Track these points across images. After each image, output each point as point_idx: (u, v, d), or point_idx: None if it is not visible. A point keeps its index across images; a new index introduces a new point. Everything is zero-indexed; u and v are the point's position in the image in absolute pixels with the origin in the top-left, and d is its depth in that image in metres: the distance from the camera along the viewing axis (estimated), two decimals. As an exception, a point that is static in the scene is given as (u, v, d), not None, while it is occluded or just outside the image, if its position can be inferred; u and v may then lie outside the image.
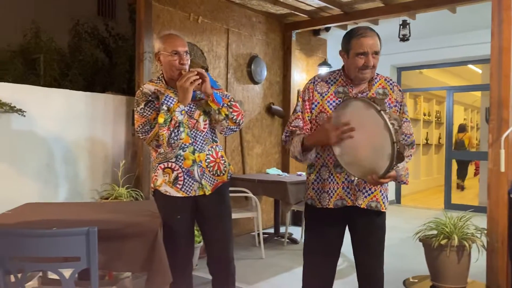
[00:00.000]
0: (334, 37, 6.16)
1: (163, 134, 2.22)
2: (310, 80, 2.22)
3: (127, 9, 5.50)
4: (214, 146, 2.42)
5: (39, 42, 5.31)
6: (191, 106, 2.34)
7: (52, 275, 2.43)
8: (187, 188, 2.34)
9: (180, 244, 2.37)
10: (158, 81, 2.40)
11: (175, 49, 2.28)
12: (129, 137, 4.33)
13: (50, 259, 1.94)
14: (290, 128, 2.15)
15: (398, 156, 1.80)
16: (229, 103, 2.34)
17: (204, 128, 2.37)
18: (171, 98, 2.27)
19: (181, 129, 2.24)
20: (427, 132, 10.79)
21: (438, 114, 11.27)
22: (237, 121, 2.36)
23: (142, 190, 4.04)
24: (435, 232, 3.21)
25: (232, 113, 2.33)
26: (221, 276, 2.47)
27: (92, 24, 5.65)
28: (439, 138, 11.35)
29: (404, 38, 5.79)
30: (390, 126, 1.78)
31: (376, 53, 2.05)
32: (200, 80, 2.21)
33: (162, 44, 2.32)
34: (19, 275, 1.88)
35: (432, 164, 10.95)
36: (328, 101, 2.12)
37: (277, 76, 5.94)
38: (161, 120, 2.23)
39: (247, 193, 4.32)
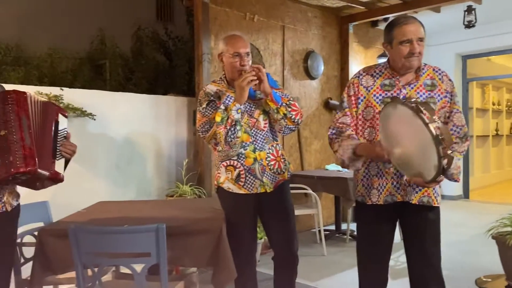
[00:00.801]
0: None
1: (220, 132, 2.28)
2: (354, 74, 2.17)
3: (184, 12, 5.66)
4: (274, 145, 2.45)
5: (104, 48, 5.62)
6: (251, 105, 2.38)
7: (124, 270, 2.57)
8: (249, 186, 2.39)
9: (243, 240, 2.42)
10: (220, 81, 2.47)
11: (236, 51, 2.33)
12: (190, 136, 4.46)
13: (122, 254, 2.05)
14: (337, 125, 2.11)
15: (444, 169, 1.72)
16: (287, 102, 2.35)
17: (264, 127, 2.41)
18: (232, 98, 2.31)
19: (238, 127, 2.28)
20: (496, 123, 10.13)
21: (509, 103, 10.55)
22: (295, 121, 2.36)
23: (205, 187, 4.15)
24: (509, 229, 3.02)
25: (291, 112, 2.34)
26: (285, 273, 2.50)
27: (153, 28, 5.88)
28: (511, 128, 10.62)
29: (469, 25, 5.48)
30: (437, 141, 1.68)
31: (421, 39, 1.97)
32: (257, 80, 2.25)
33: (225, 46, 2.38)
34: (96, 269, 2.01)
35: (503, 156, 10.27)
36: (374, 95, 2.06)
37: (334, 70, 5.85)
38: (218, 118, 2.29)
39: (306, 189, 4.30)
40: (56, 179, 2.02)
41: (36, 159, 1.87)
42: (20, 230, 2.29)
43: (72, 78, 5.10)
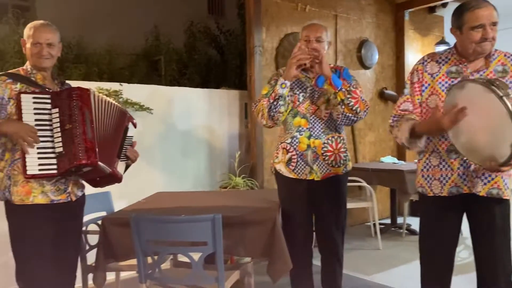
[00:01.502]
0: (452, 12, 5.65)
1: (262, 104, 2.37)
2: (418, 61, 2.08)
3: (235, 5, 5.70)
4: (335, 137, 2.43)
5: (159, 44, 5.79)
6: (316, 92, 2.37)
7: (181, 258, 2.64)
8: (298, 171, 2.42)
9: (297, 225, 2.46)
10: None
11: (307, 35, 2.38)
12: (242, 129, 4.50)
13: (180, 243, 2.11)
14: (399, 112, 2.04)
15: None
16: (348, 89, 2.31)
17: (325, 116, 2.40)
18: (299, 81, 2.42)
19: (281, 102, 2.33)
20: None
21: None
22: (354, 109, 2.31)
23: (257, 179, 4.17)
24: None
25: (349, 99, 2.30)
26: (329, 264, 2.52)
27: (204, 23, 5.97)
28: None
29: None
30: None
31: (494, 24, 1.85)
32: (307, 60, 2.28)
33: (302, 32, 2.45)
34: (155, 257, 2.08)
35: None
36: (440, 82, 1.97)
37: (389, 59, 5.67)
38: (264, 91, 2.42)
39: (360, 182, 4.21)
40: (116, 177, 2.14)
41: (97, 152, 1.97)
42: (85, 219, 2.42)
43: (129, 74, 5.30)
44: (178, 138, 4.07)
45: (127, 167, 2.25)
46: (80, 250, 2.33)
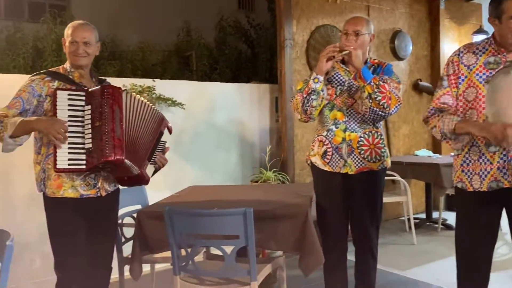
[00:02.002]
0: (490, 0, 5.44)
1: (296, 99, 2.39)
2: (454, 52, 2.01)
3: (265, -1, 5.68)
4: (372, 131, 2.40)
5: (190, 40, 5.84)
6: (355, 86, 2.34)
7: (214, 251, 2.68)
8: (333, 164, 2.41)
9: (331, 218, 2.45)
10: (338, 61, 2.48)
11: (345, 29, 2.38)
12: (273, 123, 4.49)
13: (213, 236, 2.14)
14: (439, 105, 1.98)
15: None
16: (377, 83, 2.26)
17: (362, 110, 2.36)
18: (338, 74, 2.41)
19: (313, 96, 2.34)
20: None
21: None
22: (381, 104, 2.26)
23: (288, 173, 4.17)
24: None
25: (377, 93, 2.25)
26: (363, 259, 2.49)
27: (234, 17, 5.98)
28: None
29: None
30: None
31: None
32: (335, 54, 2.29)
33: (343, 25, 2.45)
34: (189, 250, 2.12)
35: None
36: (477, 74, 1.89)
37: (424, 49, 5.51)
38: (298, 86, 2.44)
39: (394, 176, 4.13)
40: (143, 179, 2.16)
41: (125, 150, 2.00)
42: (120, 212, 2.49)
43: (161, 70, 5.38)
44: (209, 132, 4.12)
45: (155, 171, 2.27)
46: (114, 243, 2.37)
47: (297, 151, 4.32)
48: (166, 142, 2.30)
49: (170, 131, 2.31)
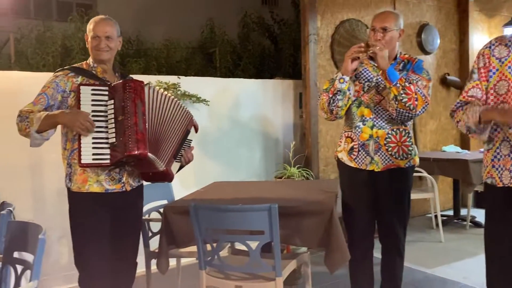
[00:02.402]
0: (522, -10, 5.27)
1: (322, 99, 2.38)
2: (485, 45, 1.95)
3: (289, -6, 5.65)
4: (400, 129, 2.36)
5: (214, 37, 5.87)
6: (382, 82, 2.32)
7: (239, 246, 2.69)
8: (359, 160, 2.39)
9: (357, 216, 2.42)
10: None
11: (373, 25, 2.35)
12: (297, 119, 4.47)
13: (238, 231, 2.15)
14: (466, 98, 1.93)
15: None
16: (403, 84, 2.22)
17: (389, 109, 2.32)
18: (365, 69, 2.39)
19: (339, 97, 2.32)
20: None
21: None
22: (408, 106, 2.22)
23: (312, 169, 4.14)
24: None
25: (402, 95, 2.21)
26: (389, 257, 2.46)
27: (258, 13, 5.98)
28: None
29: None
30: None
31: None
32: (359, 54, 2.26)
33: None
34: (214, 245, 2.14)
35: None
36: (510, 67, 1.84)
37: (452, 43, 5.38)
38: (324, 86, 2.41)
39: (421, 172, 4.06)
40: (168, 176, 2.15)
41: (148, 144, 1.99)
42: (147, 207, 2.53)
43: (186, 67, 5.43)
44: (233, 128, 4.13)
45: (180, 167, 2.26)
46: (139, 238, 2.34)
47: (321, 147, 4.29)
48: (191, 140, 2.29)
49: (196, 130, 2.29)
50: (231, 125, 4.13)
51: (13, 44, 5.43)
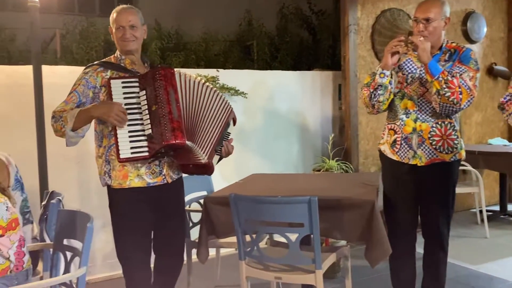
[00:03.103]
0: None
1: (363, 94, 2.34)
2: None
3: (328, -16, 5.55)
4: (445, 122, 2.27)
5: (252, 29, 5.87)
6: (424, 74, 2.25)
7: (277, 238, 2.70)
8: (402, 154, 2.34)
9: (399, 209, 2.37)
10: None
11: (415, 16, 2.27)
12: (336, 111, 4.41)
13: (277, 223, 2.15)
14: None
15: None
16: (445, 78, 2.13)
17: (432, 103, 2.25)
18: (410, 61, 2.33)
19: (380, 92, 2.27)
20: None
21: None
22: (451, 100, 2.13)
23: (351, 162, 4.09)
24: None
25: (445, 89, 2.12)
26: (432, 252, 2.38)
27: (296, 4, 5.92)
28: None
29: None
30: None
31: None
32: (399, 48, 2.19)
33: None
34: (254, 236, 2.15)
35: None
36: None
37: (500, 31, 5.13)
38: (365, 80, 2.37)
39: (465, 166, 3.92)
40: (209, 169, 2.07)
41: (184, 132, 1.93)
42: (187, 197, 2.57)
43: (223, 60, 5.47)
44: (271, 121, 4.13)
45: (219, 159, 2.20)
46: (185, 229, 2.37)
47: (361, 140, 4.22)
48: (230, 133, 2.24)
49: (234, 123, 2.25)
50: (269, 118, 4.12)
51: (59, 40, 5.65)
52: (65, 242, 1.97)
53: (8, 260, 1.77)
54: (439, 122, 2.27)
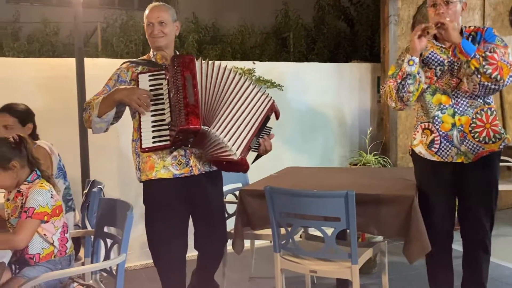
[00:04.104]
0: None
1: (389, 86, 2.18)
2: None
3: (368, -26, 5.42)
4: (485, 109, 2.14)
5: (288, 21, 5.82)
6: (455, 63, 2.14)
7: (312, 231, 2.68)
8: (443, 153, 2.19)
9: (435, 211, 2.25)
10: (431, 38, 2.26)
11: (433, 1, 2.14)
12: (374, 104, 4.32)
13: (312, 216, 2.12)
14: None
15: None
16: (483, 54, 2.00)
17: (470, 88, 2.12)
18: (435, 54, 2.19)
19: (409, 81, 2.11)
20: None
21: None
22: (493, 76, 1.98)
23: (390, 157, 4.00)
24: None
25: (485, 66, 1.98)
26: (473, 250, 2.26)
27: (334, -5, 5.82)
28: None
29: None
30: None
31: None
32: (430, 29, 2.04)
33: None
34: (289, 229, 2.14)
35: None
36: None
37: (550, 21, 4.85)
38: (390, 72, 2.22)
39: (510, 162, 3.75)
40: (243, 166, 2.01)
41: (200, 117, 1.88)
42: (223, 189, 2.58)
43: (259, 52, 5.45)
44: (307, 113, 4.09)
45: (257, 157, 2.15)
46: (224, 219, 2.35)
47: (400, 134, 4.12)
48: (271, 128, 2.16)
49: (277, 117, 2.15)
50: (305, 110, 4.09)
51: (100, 33, 5.79)
52: (105, 229, 2.03)
53: (52, 245, 1.85)
54: (479, 111, 2.14)
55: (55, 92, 3.19)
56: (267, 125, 2.13)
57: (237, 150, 1.98)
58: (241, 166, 2.02)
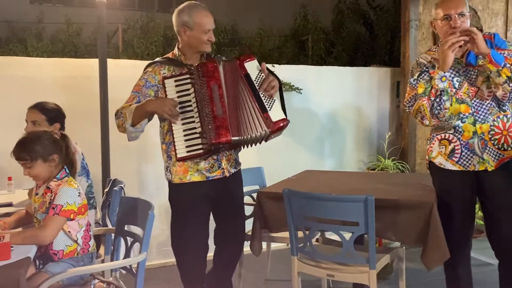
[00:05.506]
0: None
1: (423, 105, 2.13)
2: None
3: (388, -22, 5.39)
4: (501, 116, 2.13)
5: (307, 24, 5.82)
6: (473, 72, 2.13)
7: (329, 235, 2.68)
8: (464, 162, 2.16)
9: (455, 221, 2.20)
10: (436, 49, 2.26)
11: (446, 13, 2.08)
12: (393, 109, 4.29)
13: (329, 220, 2.13)
14: None
15: None
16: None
17: (489, 96, 2.11)
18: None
19: (444, 97, 2.09)
20: None
21: None
22: None
23: (408, 162, 3.97)
24: None
25: None
26: (508, 260, 2.19)
27: (354, -1, 5.80)
28: None
29: None
30: None
31: None
32: (462, 42, 2.01)
33: (436, 9, 2.17)
34: (307, 232, 2.14)
35: None
36: None
37: None
38: (420, 90, 2.16)
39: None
40: (279, 128, 2.05)
41: (230, 128, 1.96)
42: (242, 190, 2.60)
43: (278, 55, 5.47)
44: (325, 117, 4.09)
45: (282, 105, 2.14)
46: (244, 220, 2.36)
47: (419, 139, 4.08)
48: (260, 72, 2.11)
49: (253, 59, 2.12)
50: (323, 114, 4.08)
51: (121, 34, 5.89)
52: (125, 227, 2.06)
53: (76, 242, 1.89)
54: (495, 118, 2.13)
55: (78, 92, 3.25)
56: (254, 79, 2.09)
57: (265, 129, 2.04)
58: (280, 130, 2.08)
